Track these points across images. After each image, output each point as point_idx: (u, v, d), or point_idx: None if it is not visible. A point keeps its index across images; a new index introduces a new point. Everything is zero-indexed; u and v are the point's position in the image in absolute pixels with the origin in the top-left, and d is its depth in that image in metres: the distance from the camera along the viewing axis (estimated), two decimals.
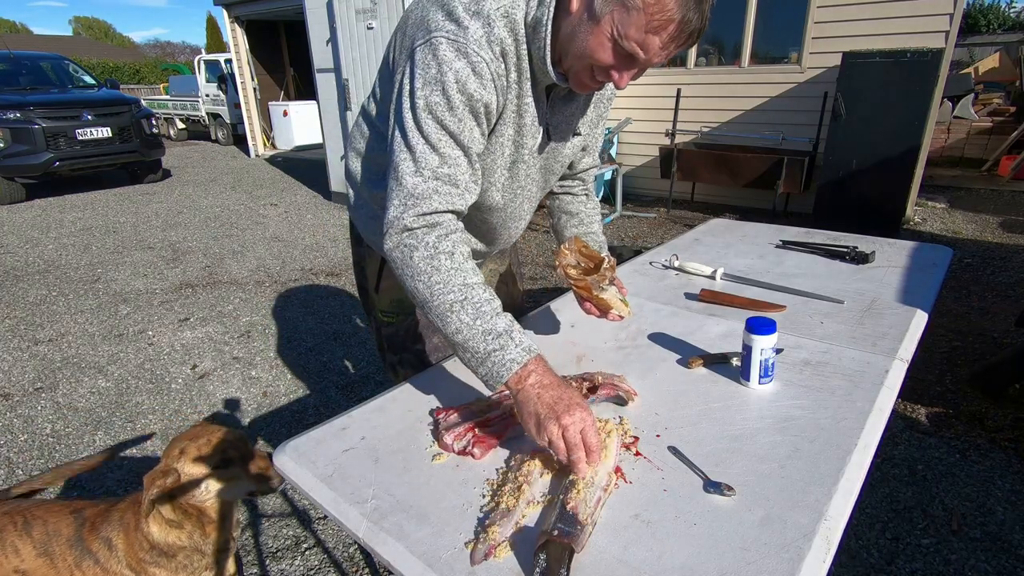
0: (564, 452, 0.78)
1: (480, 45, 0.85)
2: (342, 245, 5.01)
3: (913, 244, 1.82)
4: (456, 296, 0.85)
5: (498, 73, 0.88)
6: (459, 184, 0.90)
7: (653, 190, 6.28)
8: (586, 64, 0.87)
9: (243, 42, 9.63)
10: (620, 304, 1.09)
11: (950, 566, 1.64)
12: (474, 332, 0.84)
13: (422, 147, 0.87)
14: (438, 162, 0.88)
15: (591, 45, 0.84)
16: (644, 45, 0.81)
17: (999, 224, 4.94)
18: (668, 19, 0.79)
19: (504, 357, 0.83)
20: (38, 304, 3.85)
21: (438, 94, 0.85)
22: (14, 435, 2.42)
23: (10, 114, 6.55)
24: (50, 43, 29.72)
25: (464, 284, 0.86)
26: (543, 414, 0.79)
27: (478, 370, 0.86)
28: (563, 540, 0.66)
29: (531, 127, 0.98)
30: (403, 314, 1.22)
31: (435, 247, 0.87)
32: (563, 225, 1.33)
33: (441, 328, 0.87)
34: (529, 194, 1.11)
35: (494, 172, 1.01)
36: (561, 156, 1.10)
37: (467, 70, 0.85)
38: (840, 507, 0.75)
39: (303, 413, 2.54)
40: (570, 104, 1.04)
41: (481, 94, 0.87)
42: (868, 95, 4.43)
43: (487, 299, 0.86)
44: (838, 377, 1.05)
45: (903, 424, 2.29)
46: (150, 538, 1.13)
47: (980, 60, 9.30)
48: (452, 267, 0.86)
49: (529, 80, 0.93)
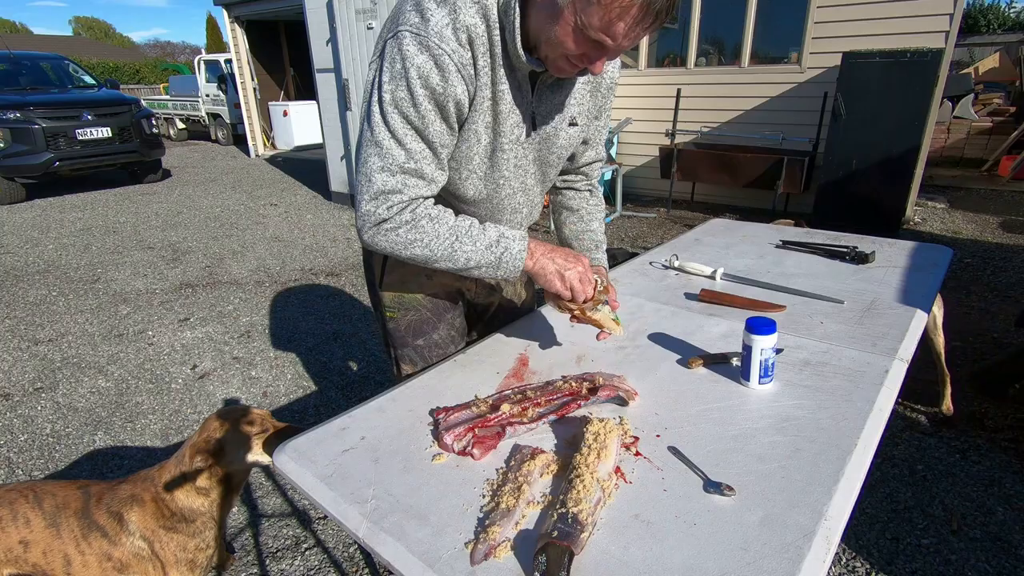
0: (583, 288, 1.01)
1: (441, 37, 0.85)
2: (342, 245, 5.02)
3: (913, 244, 1.82)
4: (450, 239, 0.96)
5: (462, 63, 0.88)
6: (425, 176, 0.94)
7: (653, 190, 6.28)
8: (560, 53, 0.87)
9: (243, 42, 9.64)
10: (612, 324, 1.10)
11: (950, 566, 1.64)
12: (479, 252, 0.97)
13: (388, 142, 0.90)
14: (404, 157, 0.91)
15: (559, 35, 0.84)
16: (609, 32, 0.81)
17: (999, 224, 4.94)
18: (629, 4, 0.78)
19: (511, 253, 0.98)
20: (38, 304, 3.85)
21: (403, 89, 0.87)
22: (14, 435, 2.42)
23: (10, 114, 6.55)
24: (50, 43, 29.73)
25: (450, 228, 0.96)
26: (562, 269, 1.01)
27: (498, 274, 1.00)
28: (562, 543, 0.66)
29: (509, 114, 0.97)
30: (403, 309, 1.23)
31: (413, 219, 0.94)
32: (562, 221, 1.32)
33: (453, 267, 0.98)
34: (522, 185, 1.10)
35: (471, 160, 1.01)
36: (556, 147, 1.09)
37: (429, 64, 0.86)
38: (840, 507, 0.75)
39: (303, 413, 2.54)
40: (558, 92, 1.03)
41: (444, 87, 0.88)
42: (868, 95, 4.43)
43: (470, 225, 0.98)
44: (838, 377, 1.05)
45: (903, 424, 2.28)
46: (172, 505, 1.24)
47: (980, 60, 9.31)
48: (435, 224, 0.95)
49: (503, 66, 0.93)
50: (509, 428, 0.91)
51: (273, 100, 10.83)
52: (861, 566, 1.65)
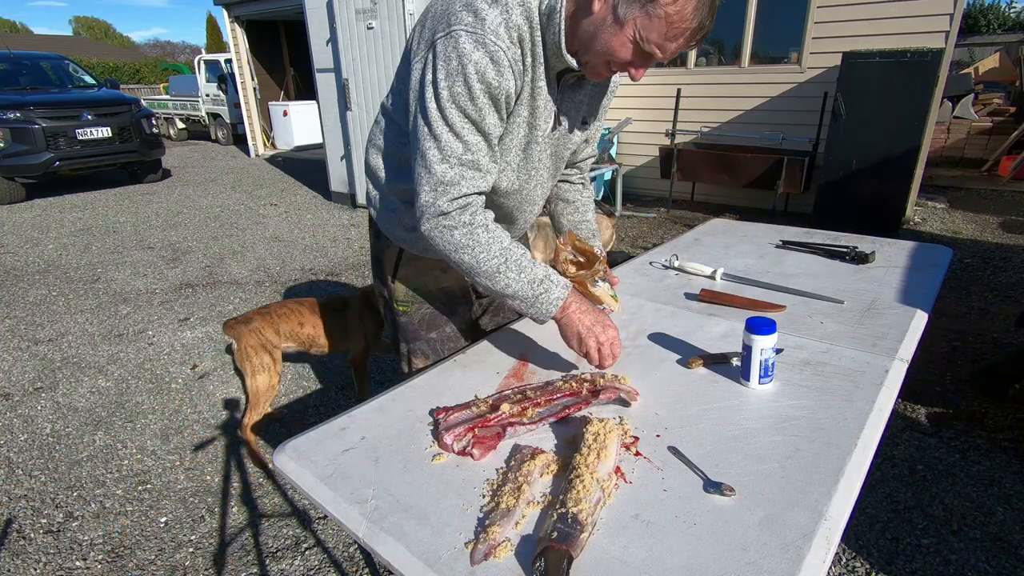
0: (600, 359, 1.02)
1: (498, 34, 0.90)
2: (342, 245, 5.02)
3: (913, 244, 1.82)
4: (499, 260, 0.99)
5: (515, 59, 0.93)
6: (481, 168, 0.98)
7: (653, 190, 6.28)
8: (604, 60, 0.94)
9: (243, 42, 9.63)
10: (611, 299, 1.16)
11: (950, 566, 1.64)
12: (521, 284, 1.01)
13: (447, 135, 0.94)
14: (462, 149, 0.95)
15: (613, 45, 0.91)
16: (663, 48, 0.90)
17: (999, 224, 4.94)
18: (687, 28, 0.87)
19: (550, 297, 1.02)
20: (38, 304, 3.85)
21: (460, 84, 0.91)
22: (14, 435, 2.42)
23: (10, 114, 6.54)
24: (50, 43, 29.70)
25: (502, 248, 1.00)
26: (584, 332, 1.02)
27: (529, 311, 1.03)
28: (561, 547, 0.66)
29: (544, 110, 1.03)
30: (416, 303, 1.26)
31: (471, 223, 0.98)
32: (559, 212, 1.40)
33: (491, 287, 1.02)
34: (541, 178, 1.15)
35: (510, 152, 1.05)
36: (570, 143, 1.16)
37: (486, 60, 0.90)
38: (840, 507, 0.75)
39: (303, 413, 2.54)
40: (578, 92, 1.09)
41: (500, 82, 0.92)
42: (868, 95, 4.43)
43: (522, 254, 1.02)
44: (838, 377, 1.05)
45: (903, 424, 2.29)
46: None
47: (980, 60, 9.31)
48: (489, 237, 0.99)
49: (543, 65, 0.99)
50: (509, 428, 0.91)
51: (273, 100, 10.83)
52: (861, 566, 1.65)
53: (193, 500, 2.02)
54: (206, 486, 2.09)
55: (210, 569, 1.74)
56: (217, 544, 1.83)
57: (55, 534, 1.88)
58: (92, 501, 2.03)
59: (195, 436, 2.39)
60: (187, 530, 1.89)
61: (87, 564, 1.76)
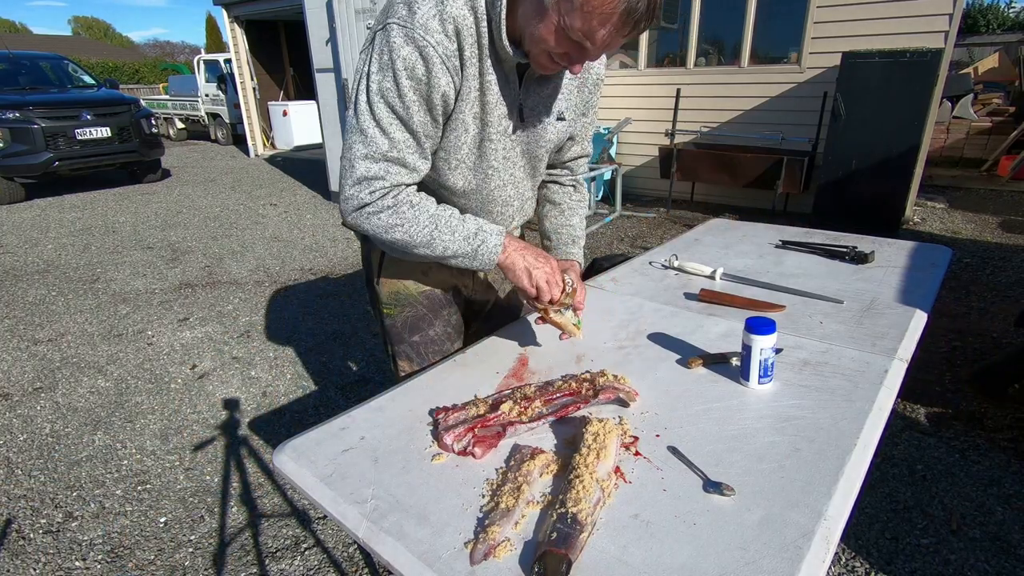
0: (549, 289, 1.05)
1: (427, 29, 0.87)
2: (342, 245, 5.01)
3: (912, 244, 1.82)
4: (430, 227, 0.99)
5: (447, 55, 0.90)
6: (407, 165, 0.97)
7: (653, 190, 6.28)
8: (542, 49, 0.89)
9: (243, 42, 9.63)
10: (572, 328, 1.14)
11: (949, 566, 1.64)
12: (458, 242, 1.00)
13: (373, 130, 0.93)
14: (388, 146, 0.94)
15: (542, 33, 0.87)
16: (590, 36, 0.84)
17: (998, 224, 4.94)
18: (611, 11, 0.80)
19: (488, 246, 1.02)
20: (37, 304, 3.85)
21: (389, 79, 0.90)
22: (14, 435, 2.42)
23: (10, 114, 6.54)
24: (49, 43, 29.68)
25: (431, 216, 0.99)
26: (530, 267, 1.05)
27: (473, 264, 1.03)
28: (559, 551, 0.66)
29: (496, 105, 0.99)
30: (400, 306, 1.23)
31: (394, 204, 0.97)
32: (543, 214, 1.35)
33: (430, 254, 1.01)
34: (511, 178, 1.11)
35: (459, 150, 1.02)
36: (544, 141, 1.11)
37: (414, 55, 0.88)
38: (840, 507, 0.75)
39: (303, 413, 2.54)
40: (546, 86, 1.05)
41: (429, 79, 0.90)
42: (868, 95, 4.43)
43: (450, 215, 1.01)
44: (838, 377, 1.05)
45: (903, 424, 2.29)
46: None
47: (980, 60, 9.32)
48: (415, 211, 0.98)
49: (490, 57, 0.94)
50: (509, 428, 0.91)
51: (273, 100, 10.83)
52: (861, 566, 1.65)
53: (193, 500, 2.02)
54: (206, 486, 2.09)
55: (210, 569, 1.74)
56: (217, 544, 1.83)
57: (54, 534, 1.88)
58: (91, 501, 2.03)
59: (194, 436, 2.39)
60: (187, 530, 1.89)
61: (86, 564, 1.76)
